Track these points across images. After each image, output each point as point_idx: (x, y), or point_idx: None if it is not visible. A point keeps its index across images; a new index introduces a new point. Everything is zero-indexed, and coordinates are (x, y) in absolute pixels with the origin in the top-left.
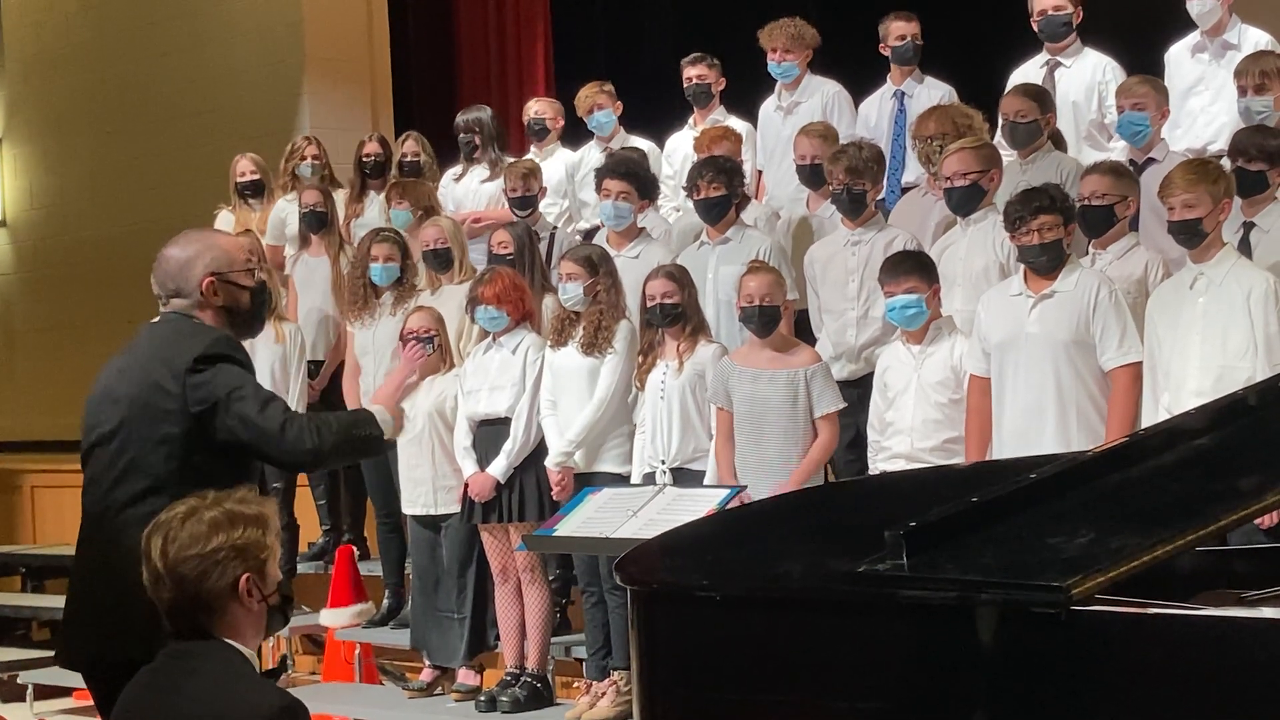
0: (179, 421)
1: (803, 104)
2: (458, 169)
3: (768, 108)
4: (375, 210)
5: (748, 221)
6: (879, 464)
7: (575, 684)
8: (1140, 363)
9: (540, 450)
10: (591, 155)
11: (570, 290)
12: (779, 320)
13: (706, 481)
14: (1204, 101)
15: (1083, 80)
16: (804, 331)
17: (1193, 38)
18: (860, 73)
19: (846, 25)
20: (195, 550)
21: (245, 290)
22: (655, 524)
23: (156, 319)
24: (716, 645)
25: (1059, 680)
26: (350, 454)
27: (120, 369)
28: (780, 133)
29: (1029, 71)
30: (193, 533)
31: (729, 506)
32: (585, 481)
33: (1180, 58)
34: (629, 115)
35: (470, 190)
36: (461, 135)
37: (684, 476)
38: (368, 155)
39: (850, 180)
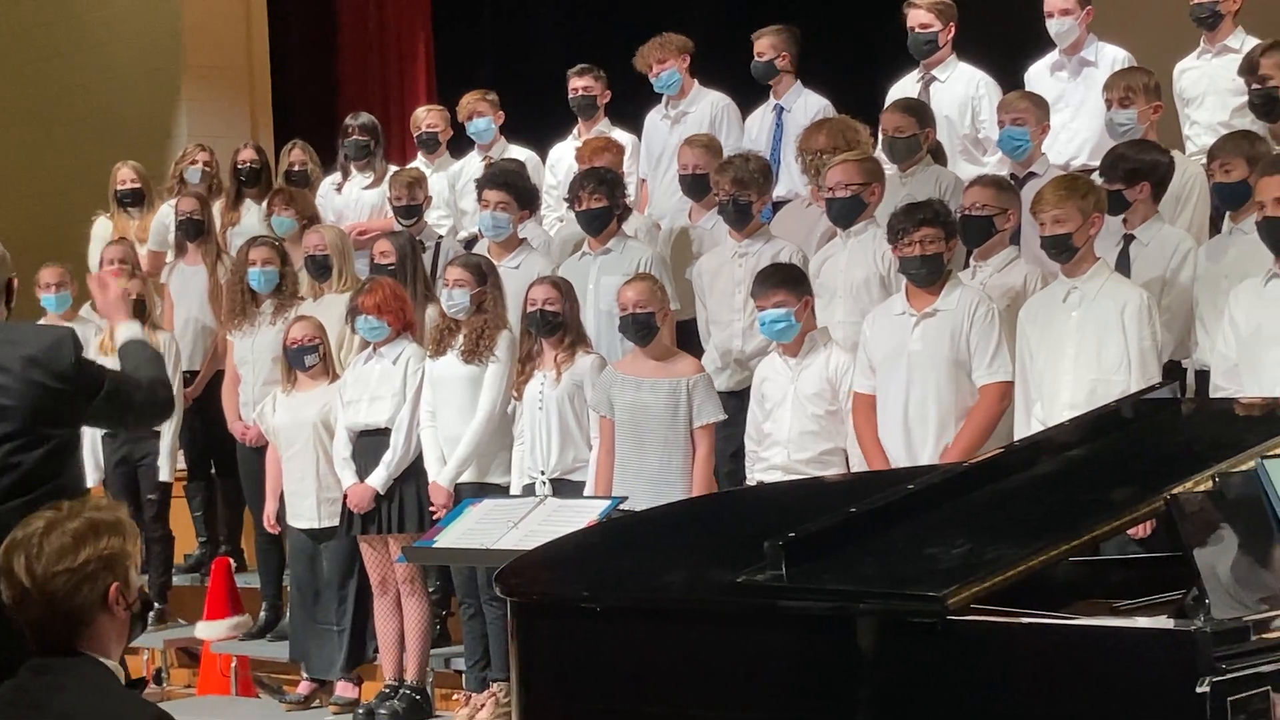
0: (59, 418)
1: (690, 114)
2: (337, 178)
3: (654, 116)
4: (252, 218)
5: (629, 232)
6: (757, 475)
7: (455, 696)
8: (1009, 382)
9: (421, 461)
10: (472, 164)
11: (456, 297)
12: (655, 329)
13: (587, 492)
14: (1064, 118)
15: (956, 95)
16: (690, 342)
17: (1051, 56)
18: (753, 84)
19: (737, 37)
20: (65, 565)
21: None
22: (536, 535)
23: None
24: (597, 656)
25: (937, 688)
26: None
27: None
28: (666, 141)
29: (905, 86)
30: (59, 547)
31: (610, 517)
32: (470, 493)
33: (1040, 76)
34: (514, 124)
35: (352, 199)
36: (355, 138)
37: (564, 487)
38: (243, 163)
39: (736, 191)
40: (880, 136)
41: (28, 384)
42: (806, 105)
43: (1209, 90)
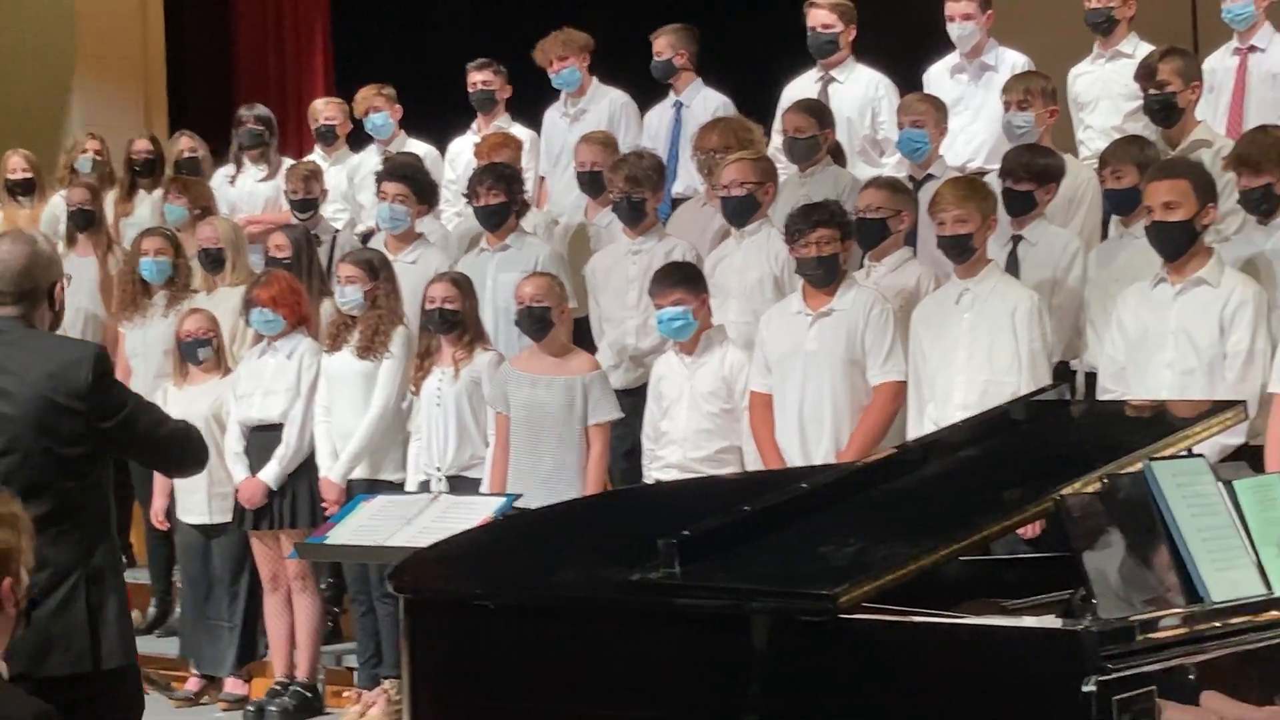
0: (73, 432)
1: (589, 111)
2: (230, 169)
3: (553, 113)
4: (146, 209)
5: (527, 229)
6: (653, 473)
7: (346, 693)
8: (902, 381)
9: (314, 457)
10: (370, 158)
11: (349, 294)
12: (551, 324)
13: (483, 490)
14: (963, 121)
15: (855, 96)
16: (584, 340)
17: (952, 59)
18: (653, 82)
19: (637, 35)
20: None
21: (62, 300)
22: (430, 532)
23: None
24: (490, 654)
25: (829, 686)
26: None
27: None
28: (565, 139)
29: (804, 86)
30: None
31: (504, 515)
32: (362, 489)
33: (939, 78)
34: (413, 118)
35: (246, 191)
36: (250, 127)
37: (460, 484)
38: (137, 153)
39: (630, 189)
40: (780, 136)
41: (37, 397)
42: (706, 102)
43: (1102, 95)
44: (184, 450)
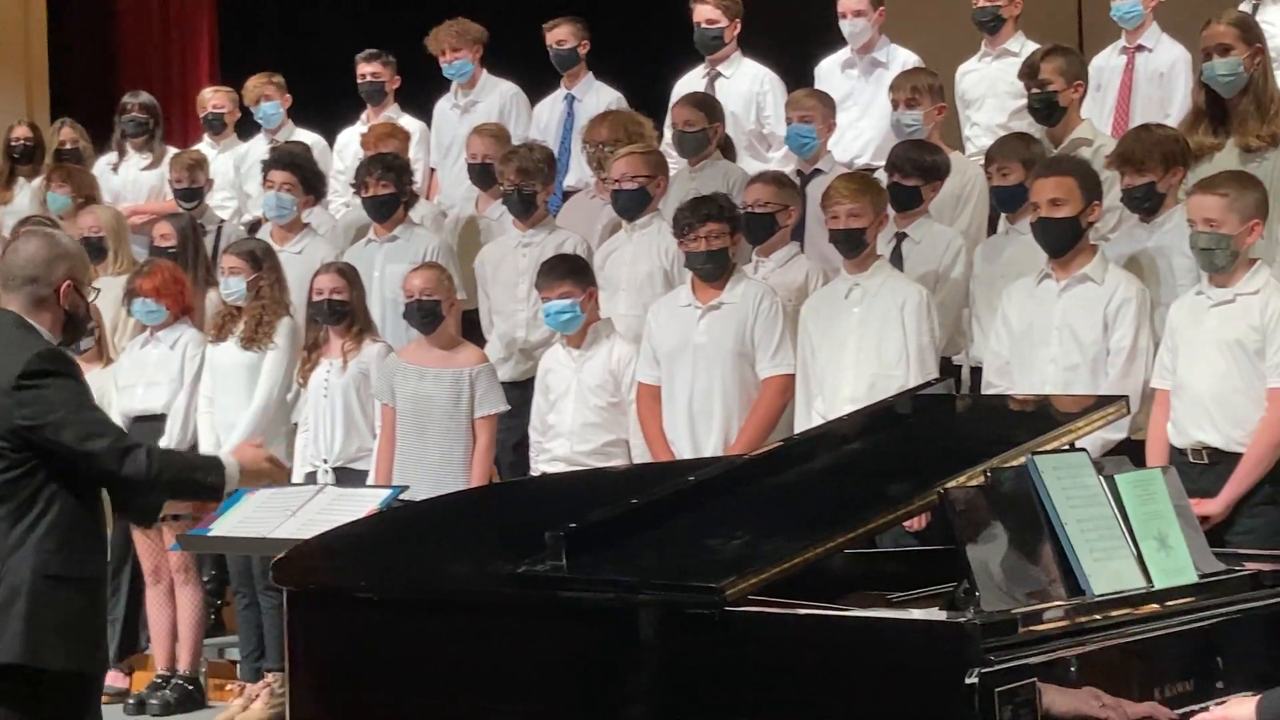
0: (10, 435)
1: (479, 103)
2: (113, 158)
3: (443, 105)
4: (25, 197)
5: (415, 220)
6: (540, 466)
7: (229, 686)
8: (791, 375)
9: (198, 448)
10: (258, 147)
11: (232, 285)
12: (441, 316)
13: (369, 481)
14: (852, 116)
15: (741, 91)
16: (473, 332)
17: (843, 54)
18: (542, 74)
19: (526, 27)
20: None
21: (84, 304)
22: (314, 524)
23: None
24: (374, 648)
25: (715, 678)
26: (182, 493)
27: None
28: (456, 131)
29: (692, 81)
30: None
31: (390, 507)
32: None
33: (830, 73)
34: (302, 108)
35: (129, 180)
36: (135, 115)
37: (347, 476)
38: (16, 140)
39: (521, 181)
40: (669, 130)
41: None
42: (598, 96)
43: (988, 93)
44: (120, 478)
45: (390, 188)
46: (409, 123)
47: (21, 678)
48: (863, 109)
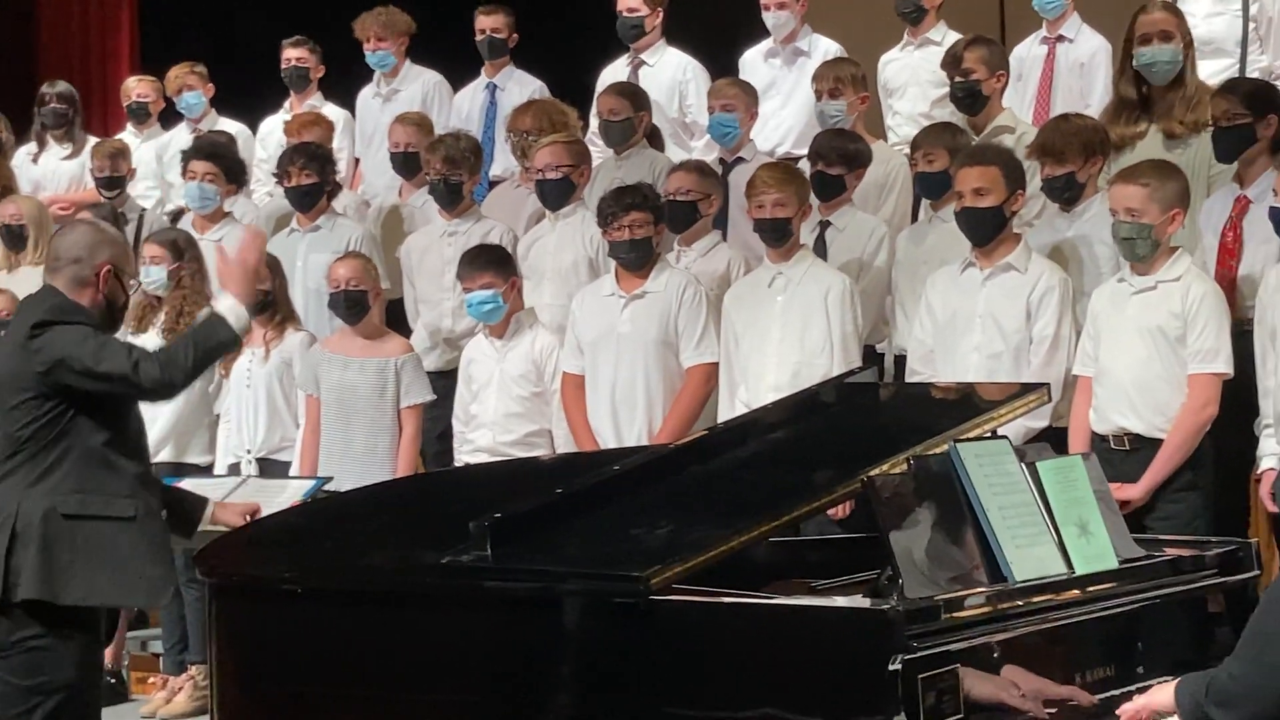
0: (32, 385)
1: (402, 92)
2: (33, 148)
3: (366, 94)
4: None
5: (339, 210)
6: (464, 456)
7: (151, 679)
8: (715, 364)
9: None
10: (181, 137)
11: (154, 274)
12: (367, 307)
13: (293, 472)
14: (775, 105)
15: (664, 80)
16: (398, 322)
17: (766, 44)
18: (460, 64)
19: (445, 15)
20: None
21: (124, 295)
22: None
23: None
24: (300, 639)
25: (641, 667)
26: (209, 363)
27: None
28: (379, 120)
29: (616, 70)
30: None
31: (315, 498)
32: (167, 472)
33: (754, 62)
34: (225, 96)
35: (49, 170)
36: (54, 106)
37: (271, 467)
38: None
39: (447, 170)
40: (595, 118)
41: (14, 350)
42: (521, 85)
43: (911, 81)
44: (143, 389)
45: (313, 177)
46: (332, 111)
47: (43, 609)
48: (785, 98)
